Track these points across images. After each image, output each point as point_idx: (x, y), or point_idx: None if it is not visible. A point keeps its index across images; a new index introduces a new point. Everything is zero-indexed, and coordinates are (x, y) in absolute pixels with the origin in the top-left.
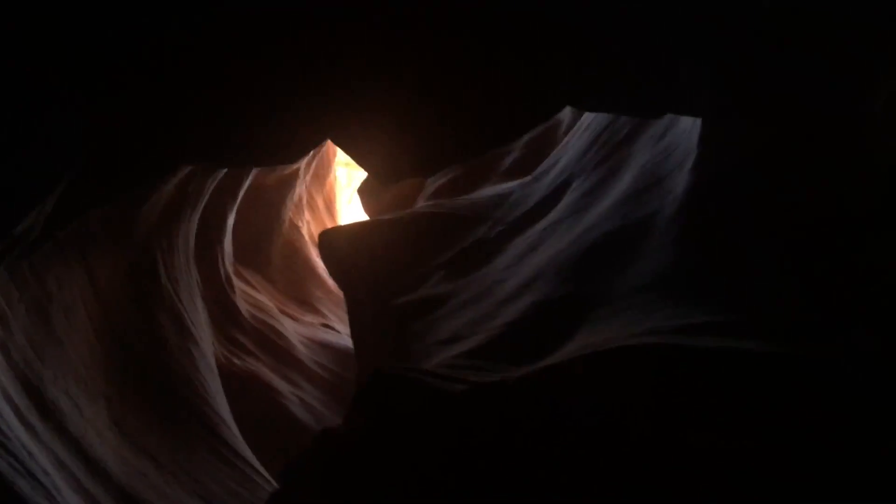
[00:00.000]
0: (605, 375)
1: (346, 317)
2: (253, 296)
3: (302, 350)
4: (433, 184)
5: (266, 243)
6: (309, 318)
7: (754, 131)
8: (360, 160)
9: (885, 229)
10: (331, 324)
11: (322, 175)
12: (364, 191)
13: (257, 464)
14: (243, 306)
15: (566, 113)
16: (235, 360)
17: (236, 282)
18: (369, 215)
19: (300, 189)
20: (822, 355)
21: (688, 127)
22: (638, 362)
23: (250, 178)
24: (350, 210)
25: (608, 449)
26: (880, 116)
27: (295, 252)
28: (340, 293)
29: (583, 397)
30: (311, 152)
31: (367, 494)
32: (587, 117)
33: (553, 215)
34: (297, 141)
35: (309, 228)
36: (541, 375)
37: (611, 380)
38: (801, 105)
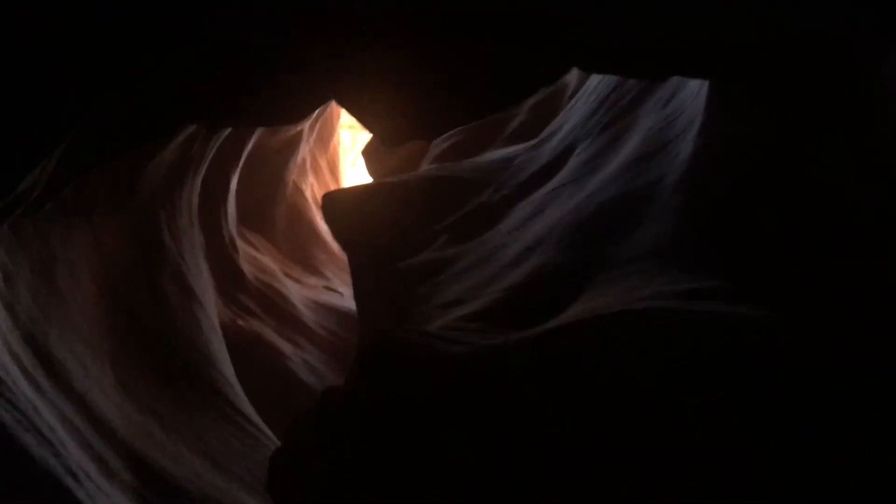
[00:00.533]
0: (606, 339)
1: (349, 279)
2: (257, 258)
3: (305, 312)
4: (438, 147)
5: (269, 206)
6: (312, 280)
7: (763, 95)
8: (365, 121)
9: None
10: (334, 286)
11: (326, 137)
12: (368, 153)
13: (261, 423)
14: (247, 268)
15: (572, 76)
16: (239, 322)
17: (240, 244)
18: (373, 178)
19: (304, 151)
20: (817, 325)
21: (695, 90)
22: (639, 326)
23: (253, 139)
24: (354, 173)
25: (609, 410)
26: (892, 81)
27: (298, 215)
28: (344, 256)
29: (584, 360)
30: (315, 114)
31: (369, 454)
32: (593, 81)
33: (557, 180)
34: (302, 100)
35: (313, 191)
36: (542, 338)
37: (612, 343)
38: (809, 68)
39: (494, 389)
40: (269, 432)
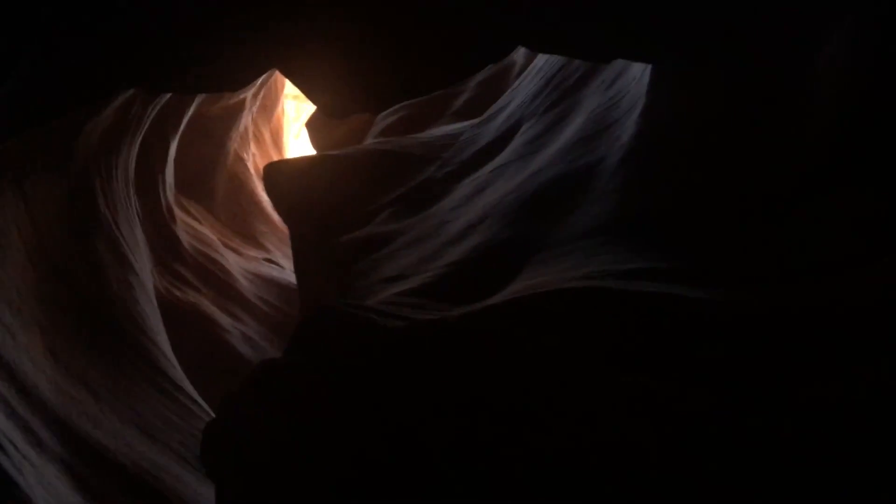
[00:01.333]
0: (543, 317)
1: (290, 252)
2: (195, 228)
3: (245, 284)
4: (383, 121)
5: (210, 175)
6: (252, 252)
7: (703, 79)
8: (308, 93)
9: (825, 184)
10: (275, 259)
11: (269, 107)
12: (312, 125)
13: (196, 396)
14: (185, 238)
15: (520, 55)
16: (176, 293)
17: (178, 213)
18: (317, 150)
19: (246, 120)
20: (754, 306)
21: (638, 74)
22: (575, 305)
23: (193, 106)
24: (298, 144)
25: (541, 388)
26: (828, 67)
27: (240, 185)
28: (285, 228)
29: (520, 338)
30: (259, 82)
31: (304, 425)
32: (539, 60)
33: (501, 158)
34: (243, 68)
35: (255, 161)
36: (480, 315)
37: (548, 321)
38: (751, 52)
39: (430, 364)
40: (205, 404)
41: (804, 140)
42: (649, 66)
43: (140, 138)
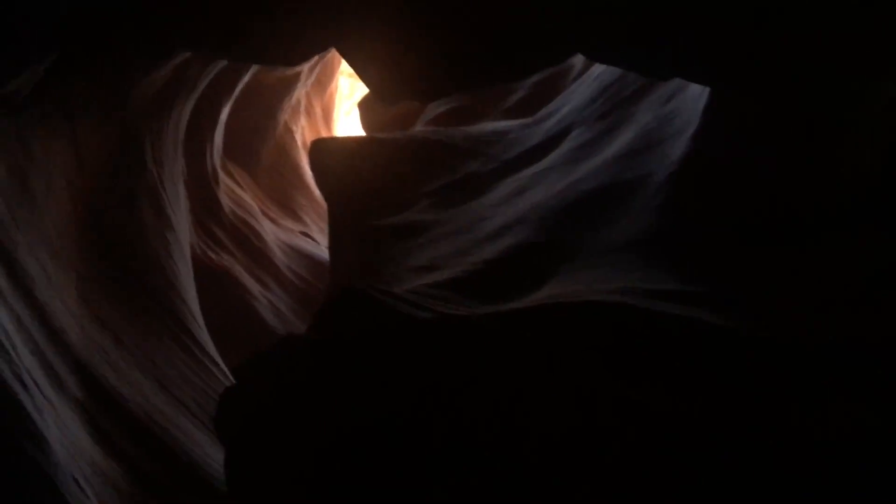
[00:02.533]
0: (568, 327)
1: (326, 228)
2: (237, 193)
3: (278, 254)
4: (434, 110)
5: (257, 143)
6: (290, 223)
7: (759, 110)
8: (363, 74)
9: (863, 218)
10: (310, 233)
11: (324, 82)
12: (364, 105)
13: (218, 357)
14: (226, 202)
15: (578, 59)
16: (211, 254)
17: (222, 176)
18: (366, 131)
19: (300, 93)
20: (782, 339)
21: (695, 94)
22: (600, 318)
23: (249, 74)
24: (348, 122)
25: (557, 399)
26: (879, 117)
27: (285, 156)
28: (324, 204)
29: (542, 345)
30: (315, 57)
31: (317, 403)
32: (598, 67)
33: (547, 161)
34: (301, 44)
35: (303, 134)
36: (505, 317)
37: (572, 332)
38: (804, 93)
39: (449, 359)
40: (225, 368)
41: (849, 175)
42: (708, 88)
43: (194, 99)
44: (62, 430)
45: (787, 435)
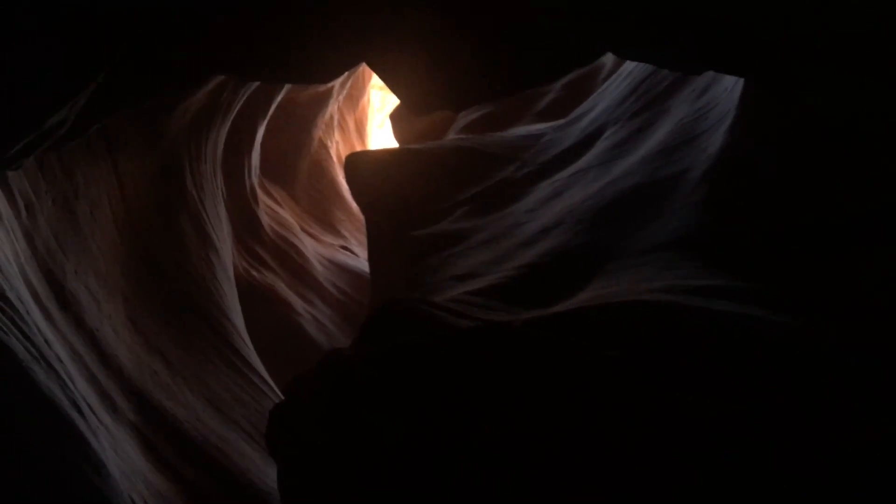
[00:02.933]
0: (608, 329)
1: (365, 241)
2: (276, 211)
3: (319, 270)
4: (466, 117)
5: (293, 160)
6: (329, 238)
7: (796, 98)
8: (393, 87)
9: None
10: (350, 247)
11: (356, 96)
12: (396, 117)
13: (266, 375)
14: (265, 220)
15: (608, 58)
16: (254, 273)
17: (260, 195)
18: (399, 142)
19: (332, 108)
20: (831, 337)
21: (730, 86)
22: (647, 319)
23: (283, 93)
24: (381, 134)
25: (607, 402)
26: None
27: (321, 171)
28: (362, 217)
29: (588, 348)
30: (346, 73)
31: (366, 416)
32: (629, 64)
33: (582, 162)
34: (331, 61)
35: (338, 149)
36: (548, 321)
37: (612, 334)
38: (850, 80)
39: (494, 367)
40: (273, 384)
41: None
42: (742, 79)
43: (230, 121)
44: (119, 453)
45: (828, 440)
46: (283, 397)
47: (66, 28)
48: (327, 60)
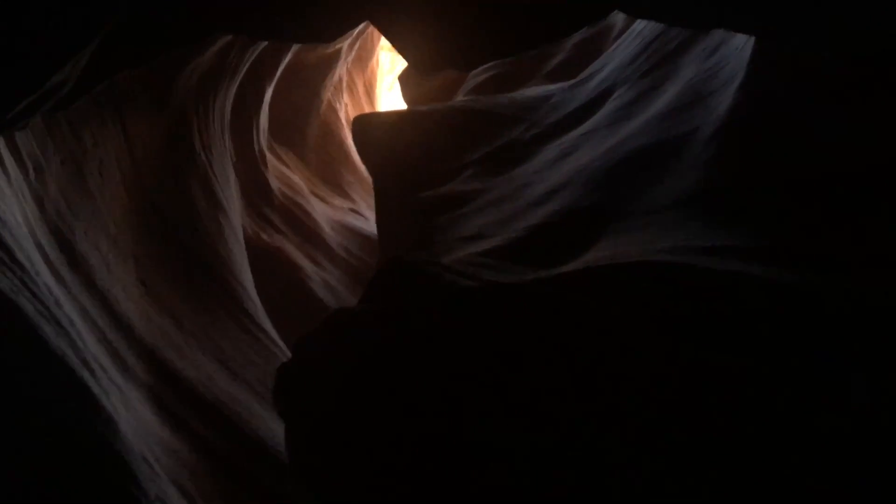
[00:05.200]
0: (616, 288)
1: (374, 203)
2: (285, 173)
3: (328, 232)
4: (475, 79)
5: (302, 122)
6: (338, 201)
7: (809, 57)
8: (399, 46)
9: None
10: (359, 209)
11: (364, 58)
12: (404, 79)
13: (275, 335)
14: (274, 183)
15: (619, 18)
16: (263, 235)
17: (269, 158)
18: (408, 103)
19: (341, 70)
20: (838, 290)
21: (740, 44)
22: (653, 278)
23: (291, 53)
24: (390, 96)
25: (614, 360)
26: None
27: (330, 133)
28: (371, 179)
29: (594, 307)
30: (355, 33)
31: (372, 374)
32: (639, 24)
33: (590, 123)
34: (337, 20)
35: (347, 111)
36: (555, 281)
37: (624, 292)
38: (857, 37)
39: (502, 327)
40: (283, 345)
41: None
42: (752, 38)
43: (237, 82)
44: (131, 412)
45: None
46: (290, 356)
47: None
48: (331, 18)
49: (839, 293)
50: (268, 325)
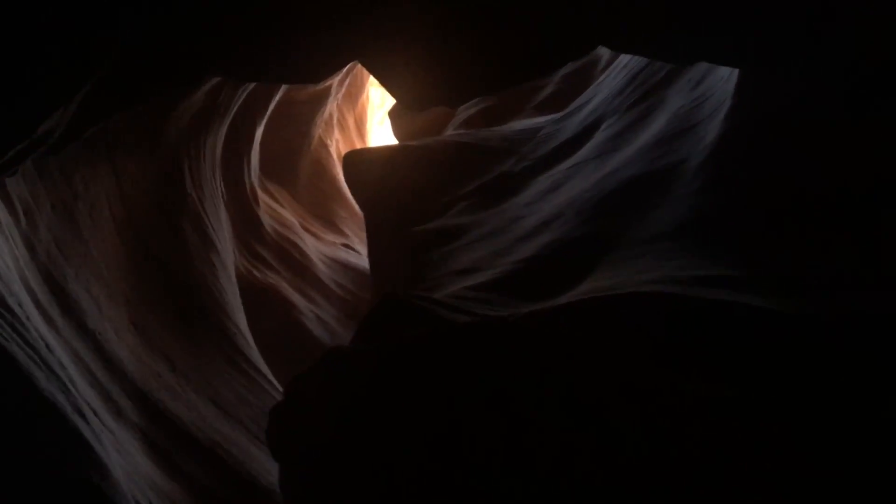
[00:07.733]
0: (613, 320)
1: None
2: (277, 210)
3: (321, 268)
4: (465, 112)
5: (293, 159)
6: (331, 236)
7: (790, 84)
8: (388, 85)
9: None
10: (352, 244)
11: (354, 94)
12: (395, 114)
13: (270, 374)
14: (266, 220)
15: (605, 50)
16: (256, 273)
17: (261, 195)
18: (398, 138)
19: (331, 106)
20: (830, 318)
21: (726, 74)
22: (646, 309)
23: (281, 92)
24: (381, 131)
25: (609, 393)
26: None
27: (322, 170)
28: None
29: (587, 340)
30: (344, 70)
31: (366, 412)
32: (625, 56)
33: (580, 155)
34: (324, 62)
35: (338, 147)
36: (549, 314)
37: (617, 325)
38: (842, 69)
39: (493, 361)
40: (277, 384)
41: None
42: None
43: (228, 121)
44: (123, 455)
45: (840, 418)
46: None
47: (54, 36)
48: (319, 60)
49: (830, 320)
50: (261, 363)
